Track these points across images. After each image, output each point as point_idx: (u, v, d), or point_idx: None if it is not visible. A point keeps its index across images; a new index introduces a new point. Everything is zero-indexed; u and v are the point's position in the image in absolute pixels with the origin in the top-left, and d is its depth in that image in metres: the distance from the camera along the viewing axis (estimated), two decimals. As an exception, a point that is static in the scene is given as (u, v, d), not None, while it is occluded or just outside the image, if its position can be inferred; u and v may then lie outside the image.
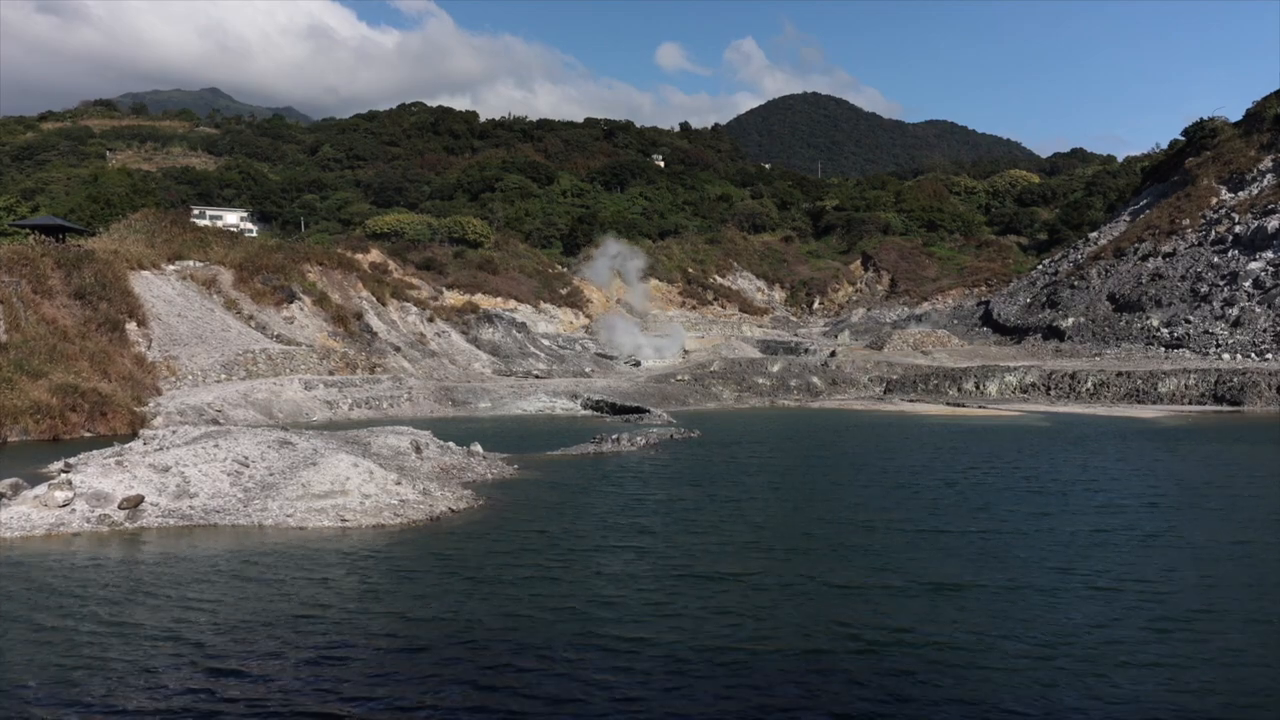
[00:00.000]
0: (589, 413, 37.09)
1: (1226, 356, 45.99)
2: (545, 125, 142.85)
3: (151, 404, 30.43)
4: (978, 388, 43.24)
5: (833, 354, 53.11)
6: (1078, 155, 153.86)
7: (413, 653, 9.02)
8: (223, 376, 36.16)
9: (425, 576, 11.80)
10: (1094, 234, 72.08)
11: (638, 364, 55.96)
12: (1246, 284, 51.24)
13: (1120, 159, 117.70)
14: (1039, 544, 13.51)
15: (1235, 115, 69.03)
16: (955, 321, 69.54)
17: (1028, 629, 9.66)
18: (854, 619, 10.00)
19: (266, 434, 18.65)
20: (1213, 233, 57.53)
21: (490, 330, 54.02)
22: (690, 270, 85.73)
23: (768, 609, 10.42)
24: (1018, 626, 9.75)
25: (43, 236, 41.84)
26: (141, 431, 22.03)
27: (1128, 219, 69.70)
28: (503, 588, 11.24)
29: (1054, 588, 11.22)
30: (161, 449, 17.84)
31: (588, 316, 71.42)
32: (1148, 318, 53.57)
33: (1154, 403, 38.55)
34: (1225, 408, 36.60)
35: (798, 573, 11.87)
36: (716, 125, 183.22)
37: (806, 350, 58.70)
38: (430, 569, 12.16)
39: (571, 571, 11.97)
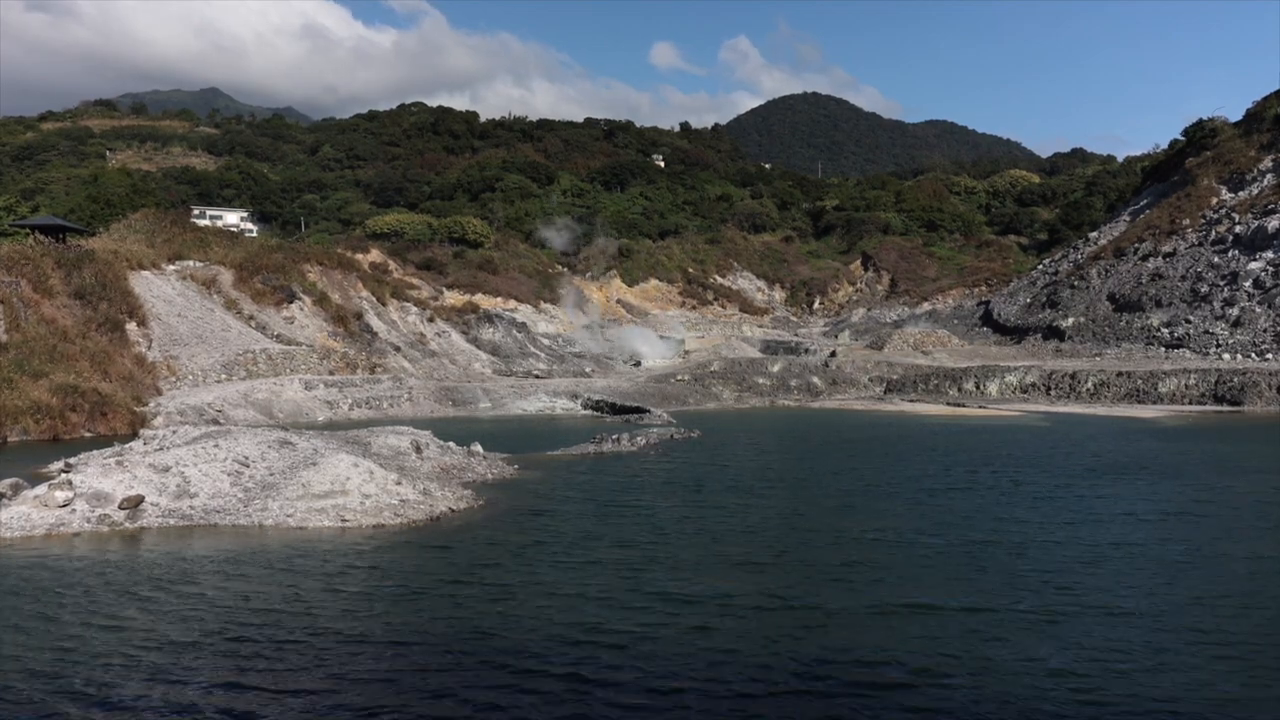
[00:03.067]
0: (589, 413, 37.10)
1: (1227, 356, 45.97)
2: (545, 125, 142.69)
3: (151, 404, 30.42)
4: (978, 388, 43.23)
5: (833, 354, 53.09)
6: (1078, 155, 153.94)
7: (355, 681, 8.59)
8: (223, 376, 36.14)
9: (406, 586, 11.60)
10: (1094, 234, 72.05)
11: (638, 364, 55.96)
12: (1246, 284, 51.22)
13: (1120, 159, 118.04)
14: (1048, 558, 12.91)
15: (1235, 115, 69.19)
16: (955, 321, 69.50)
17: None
18: (824, 648, 9.32)
19: (267, 434, 18.64)
20: (1213, 233, 57.50)
21: (490, 330, 54.01)
22: (690, 270, 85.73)
23: (743, 634, 9.81)
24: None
25: (43, 236, 41.85)
26: (141, 431, 22.02)
27: (1128, 219, 69.67)
28: (478, 604, 10.87)
29: (1060, 610, 10.52)
30: (161, 449, 17.83)
31: (585, 316, 71.41)
32: (1148, 318, 53.54)
33: (1154, 403, 38.54)
34: (1225, 408, 36.58)
35: (773, 593, 11.18)
36: (716, 125, 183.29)
37: (807, 350, 58.66)
38: (413, 578, 11.98)
39: (556, 584, 11.63)
